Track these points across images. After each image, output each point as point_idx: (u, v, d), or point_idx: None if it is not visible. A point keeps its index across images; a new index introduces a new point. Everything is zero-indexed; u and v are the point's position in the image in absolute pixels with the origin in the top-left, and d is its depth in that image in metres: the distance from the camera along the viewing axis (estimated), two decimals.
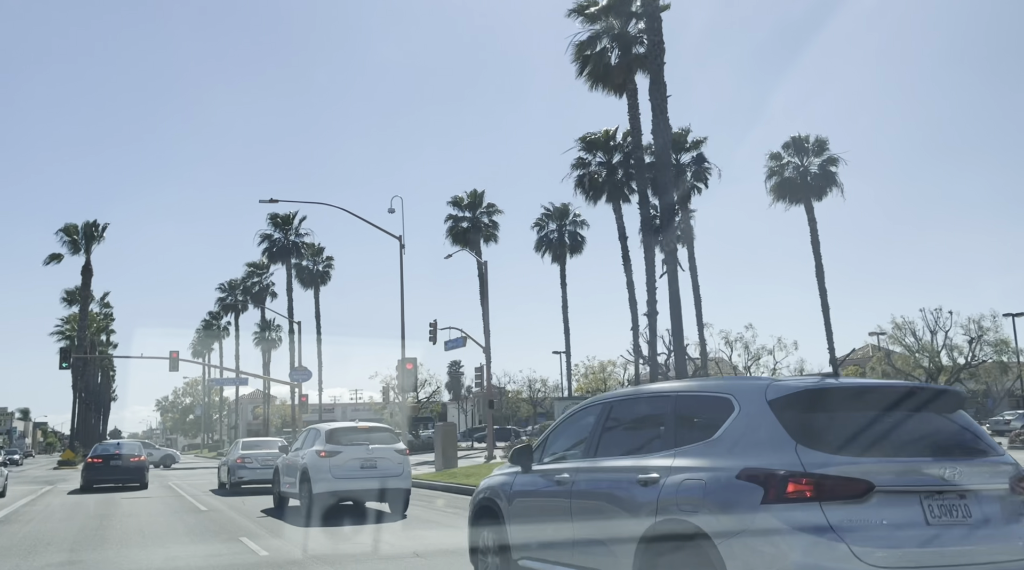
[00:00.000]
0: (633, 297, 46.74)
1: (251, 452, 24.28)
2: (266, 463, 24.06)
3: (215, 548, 12.32)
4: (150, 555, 11.81)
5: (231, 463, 24.26)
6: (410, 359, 35.00)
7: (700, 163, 48.56)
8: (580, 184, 47.38)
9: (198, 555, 11.73)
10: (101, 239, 60.86)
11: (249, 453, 24.21)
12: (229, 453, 25.96)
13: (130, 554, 11.92)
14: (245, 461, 23.91)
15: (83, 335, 61.15)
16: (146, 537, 13.91)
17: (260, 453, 24.30)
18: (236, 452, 24.59)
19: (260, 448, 24.90)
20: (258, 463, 23.90)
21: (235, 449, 25.18)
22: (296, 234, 70.12)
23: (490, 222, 62.00)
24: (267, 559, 10.96)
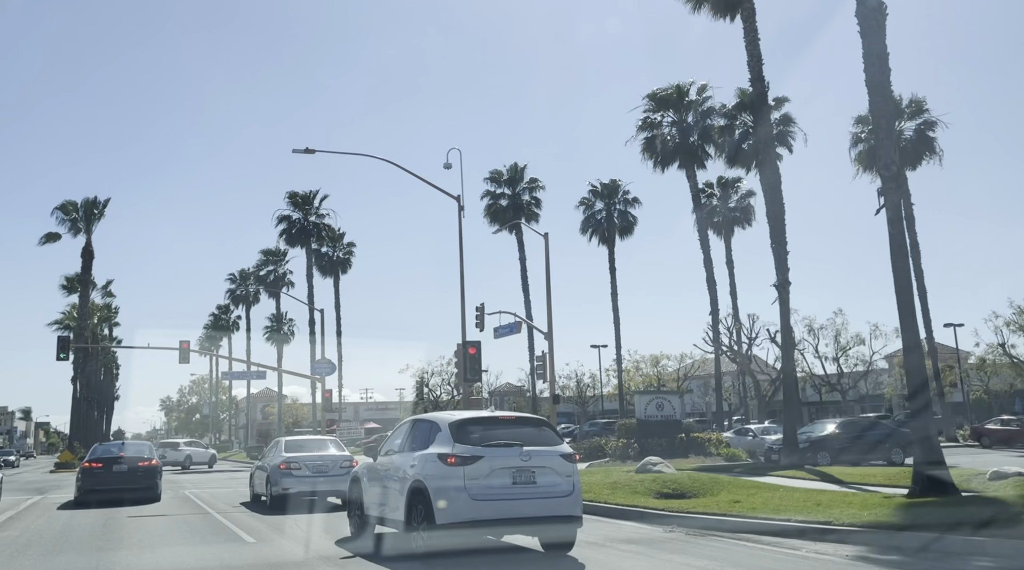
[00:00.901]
0: (712, 277, 40.91)
1: (298, 455, 18.50)
2: (319, 469, 18.31)
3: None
4: None
5: (271, 469, 18.46)
6: (473, 343, 29.23)
7: (784, 125, 42.69)
8: (649, 148, 41.56)
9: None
10: (102, 217, 55.18)
11: (296, 456, 18.42)
12: (266, 456, 20.15)
13: None
14: (291, 466, 18.13)
15: (83, 324, 55.36)
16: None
17: (310, 456, 18.53)
18: (277, 455, 18.78)
19: (309, 449, 19.11)
20: (308, 469, 18.16)
21: (275, 451, 19.35)
22: (316, 214, 64.37)
23: (531, 199, 56.29)
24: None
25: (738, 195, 55.71)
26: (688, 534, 12.64)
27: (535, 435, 10.80)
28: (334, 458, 18.61)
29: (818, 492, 16.36)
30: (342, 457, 18.75)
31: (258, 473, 20.23)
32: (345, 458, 18.73)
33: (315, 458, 18.44)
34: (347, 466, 18.52)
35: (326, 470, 18.31)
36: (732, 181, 55.90)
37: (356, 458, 19.19)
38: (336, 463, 18.49)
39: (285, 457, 18.40)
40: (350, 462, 18.65)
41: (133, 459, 21.55)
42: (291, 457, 18.35)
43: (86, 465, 21.24)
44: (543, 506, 10.16)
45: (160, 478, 21.96)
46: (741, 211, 55.47)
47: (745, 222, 55.66)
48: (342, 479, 18.12)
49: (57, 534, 14.80)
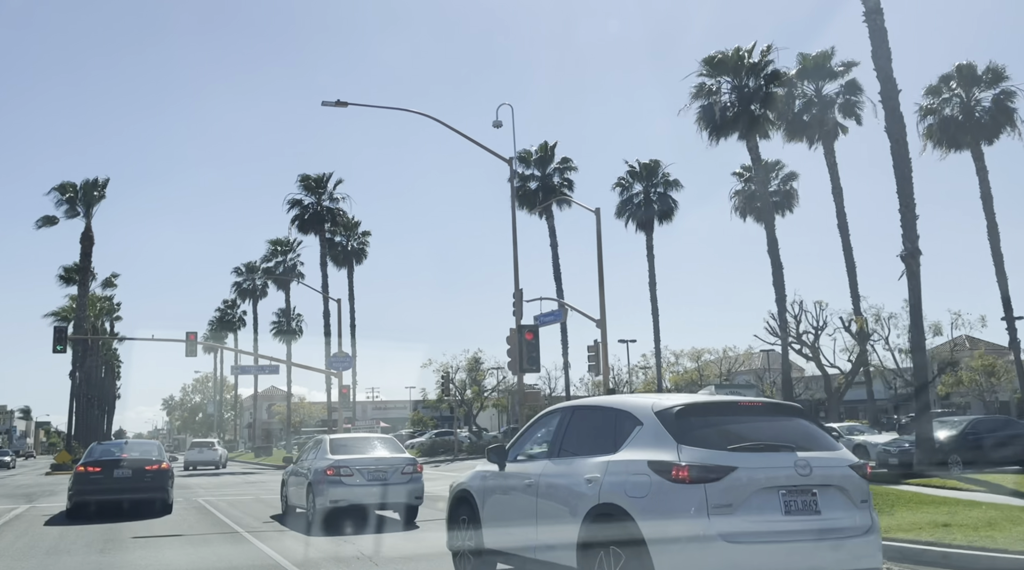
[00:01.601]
0: (778, 260, 36.98)
1: (349, 458, 14.63)
2: (376, 475, 14.47)
3: None
4: None
5: (315, 476, 14.56)
6: (529, 327, 25.39)
7: (851, 93, 38.79)
8: (705, 116, 37.59)
9: None
10: (103, 199, 51.12)
11: (346, 460, 14.55)
12: (304, 458, 16.25)
13: None
14: (340, 472, 14.26)
15: (83, 314, 51.42)
16: None
17: (364, 459, 14.68)
18: (322, 458, 14.88)
19: (360, 450, 15.25)
20: (363, 475, 14.32)
21: (317, 453, 15.42)
22: (331, 199, 60.44)
23: (563, 181, 52.44)
24: None
25: (779, 178, 52.06)
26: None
27: (802, 433, 6.67)
28: (394, 461, 14.77)
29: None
30: (403, 460, 14.91)
31: (293, 480, 16.36)
32: (407, 461, 14.90)
33: (370, 462, 14.58)
34: (410, 471, 14.69)
35: (384, 476, 14.47)
36: (772, 163, 52.20)
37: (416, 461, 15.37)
38: (396, 468, 14.65)
39: (332, 460, 14.53)
40: (414, 466, 14.82)
41: (138, 462, 17.70)
42: (340, 460, 14.49)
43: (81, 469, 17.36)
44: (838, 555, 6.11)
45: (172, 485, 18.11)
46: (782, 195, 51.74)
47: (786, 207, 51.94)
48: (403, 488, 14.31)
49: (37, 567, 10.96)
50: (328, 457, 14.79)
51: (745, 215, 52.41)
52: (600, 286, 33.00)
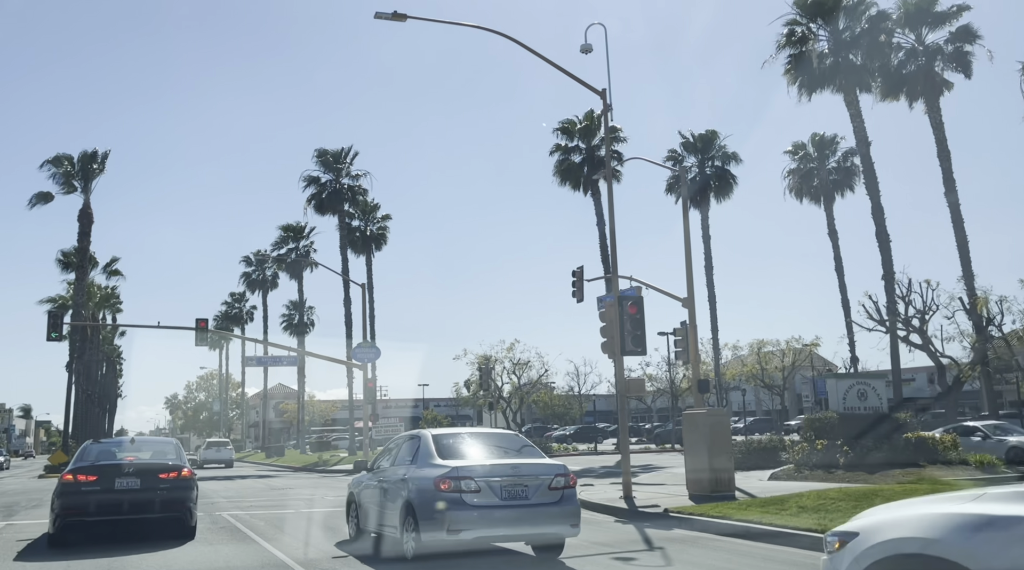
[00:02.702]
0: (884, 231, 32.00)
1: (471, 465, 9.65)
2: (515, 492, 9.55)
3: None
4: None
5: (419, 491, 9.60)
6: (632, 298, 20.43)
7: (962, 41, 33.79)
8: (795, 67, 32.66)
9: None
10: (101, 173, 46.05)
11: (467, 467, 9.57)
12: (386, 463, 11.31)
13: None
14: (462, 487, 9.29)
15: (81, 300, 46.41)
16: None
17: (495, 467, 9.68)
18: (426, 463, 9.90)
19: (483, 453, 10.29)
20: (496, 492, 9.35)
21: (416, 456, 10.36)
22: (349, 176, 55.49)
23: (611, 153, 47.17)
24: None
25: (837, 155, 47.40)
26: None
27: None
28: (536, 470, 9.78)
29: None
30: (549, 469, 9.91)
31: (372, 495, 11.42)
32: (555, 470, 9.90)
33: (504, 470, 9.59)
34: (562, 486, 9.75)
35: (525, 493, 9.51)
36: (829, 139, 47.57)
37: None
38: (542, 480, 9.67)
39: (448, 468, 9.53)
40: (566, 478, 9.86)
41: (150, 467, 12.78)
42: (460, 468, 9.48)
43: (68, 478, 12.39)
44: None
45: (196, 499, 13.17)
46: (841, 173, 47.06)
47: (847, 186, 47.28)
48: (554, 512, 9.42)
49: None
50: (437, 462, 9.83)
51: (801, 196, 47.88)
52: (687, 258, 28.10)
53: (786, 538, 11.77)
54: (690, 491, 18.53)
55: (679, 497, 18.27)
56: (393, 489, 10.52)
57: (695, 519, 14.63)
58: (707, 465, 18.11)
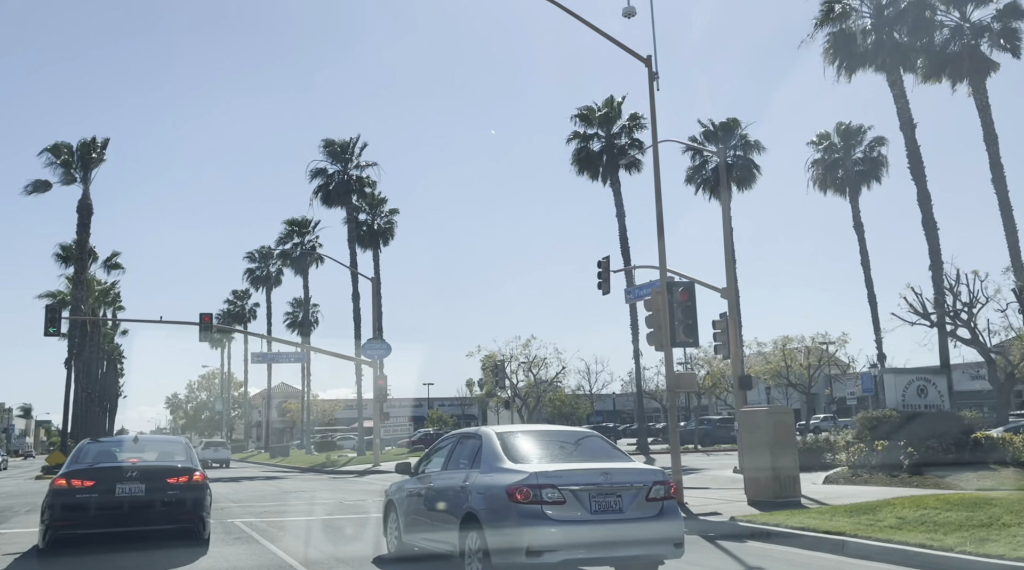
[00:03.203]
0: (931, 218, 30.23)
1: (553, 469, 7.81)
2: (607, 504, 7.73)
3: None
4: None
5: (487, 499, 7.79)
6: (683, 284, 18.66)
7: (1011, 18, 31.95)
8: (834, 45, 30.93)
9: None
10: (101, 162, 44.25)
11: (550, 471, 7.74)
12: (434, 467, 9.52)
13: None
14: (544, 497, 7.46)
15: (80, 294, 44.62)
16: None
17: (582, 472, 7.85)
18: (493, 467, 8.05)
19: (562, 454, 8.47)
20: (583, 503, 7.39)
21: (479, 458, 8.44)
22: (357, 167, 53.72)
23: (631, 141, 45.56)
24: None
25: (864, 144, 45.79)
26: None
27: None
28: (630, 475, 7.95)
29: None
30: (647, 474, 8.08)
31: (416, 504, 9.65)
32: (653, 475, 8.06)
33: (592, 476, 7.79)
34: (661, 495, 7.96)
35: (619, 506, 7.70)
36: (855, 128, 45.95)
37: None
38: (638, 489, 7.83)
39: (526, 474, 7.70)
40: (666, 485, 8.06)
41: (156, 471, 11.03)
42: (541, 474, 7.70)
43: (61, 483, 10.62)
44: None
45: (210, 507, 11.40)
46: (868, 164, 45.45)
47: (873, 178, 45.72)
48: (653, 529, 7.66)
49: None
50: (508, 466, 8.05)
51: (825, 187, 46.29)
52: (727, 245, 26.54)
53: (913, 558, 9.98)
54: (749, 496, 16.78)
55: (737, 502, 16.53)
56: (449, 498, 8.75)
57: (773, 530, 12.87)
58: (769, 467, 16.37)
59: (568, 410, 67.80)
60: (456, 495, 8.59)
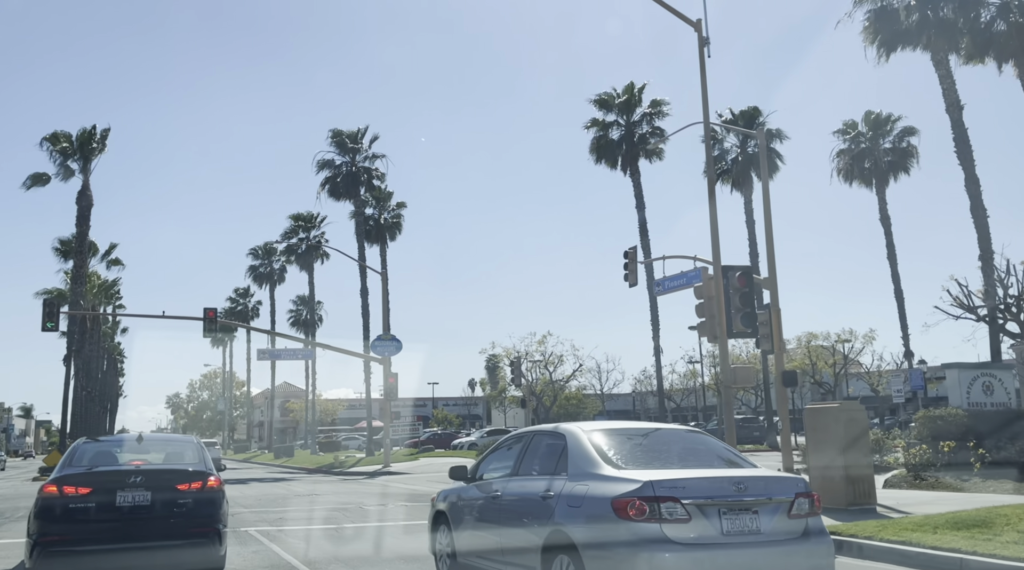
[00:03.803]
0: (980, 205, 28.60)
1: (675, 478, 6.13)
2: (743, 523, 6.00)
3: None
4: None
5: (583, 511, 6.14)
6: (741, 268, 17.07)
7: None
8: (874, 23, 29.28)
9: None
10: (102, 152, 42.59)
11: (669, 480, 6.05)
12: (499, 472, 7.84)
13: None
14: (661, 512, 5.77)
15: (79, 288, 42.99)
16: None
17: (708, 481, 6.18)
18: (589, 473, 6.36)
19: (673, 457, 6.84)
20: (711, 519, 5.69)
21: (565, 461, 6.84)
22: (366, 158, 52.04)
23: (651, 129, 43.90)
24: None
25: (893, 134, 44.27)
26: None
27: None
28: (767, 486, 6.25)
29: None
30: (786, 484, 6.36)
31: (476, 516, 8.01)
32: (794, 485, 6.36)
33: (720, 486, 6.10)
34: (805, 511, 6.29)
35: (755, 525, 5.98)
36: (885, 117, 44.43)
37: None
38: (777, 503, 6.13)
39: (638, 483, 5.99)
40: (810, 498, 6.37)
41: (163, 476, 9.37)
42: (658, 482, 6.02)
43: (52, 490, 8.95)
44: None
45: (227, 519, 9.73)
46: (897, 154, 43.87)
47: (902, 169, 44.15)
48: (800, 554, 5.96)
49: None
50: (607, 472, 6.38)
51: (851, 178, 44.78)
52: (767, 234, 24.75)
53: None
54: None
55: None
56: (525, 512, 7.10)
57: (865, 544, 11.23)
58: (842, 471, 14.72)
59: (574, 410, 66.22)
60: (536, 508, 6.94)
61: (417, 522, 14.73)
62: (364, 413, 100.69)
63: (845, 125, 44.49)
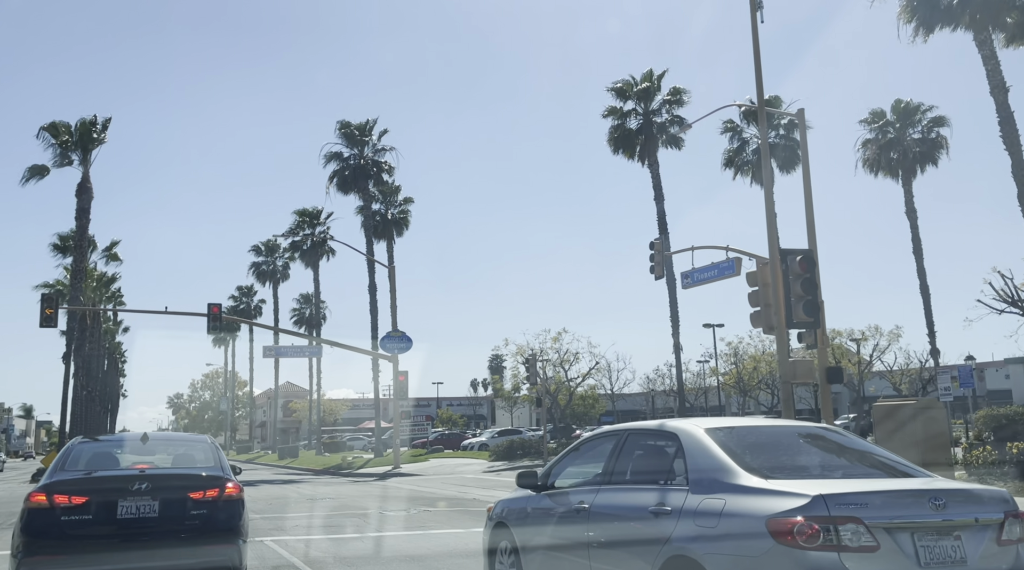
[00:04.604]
0: None
1: (849, 491, 4.67)
2: (944, 552, 4.52)
3: None
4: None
5: (726, 534, 4.74)
6: (802, 252, 15.65)
7: None
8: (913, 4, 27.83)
9: None
10: (102, 143, 41.11)
11: (843, 495, 4.60)
12: (591, 471, 6.41)
13: None
14: (838, 537, 4.34)
15: (79, 284, 41.52)
16: None
17: (894, 496, 4.75)
18: (724, 488, 4.98)
19: (837, 467, 5.37)
20: (910, 552, 4.39)
21: (694, 470, 5.39)
22: (375, 151, 50.57)
23: (671, 118, 42.44)
24: None
25: (922, 124, 42.86)
26: None
27: None
28: (968, 503, 4.81)
29: None
30: (990, 500, 4.92)
31: (549, 534, 6.54)
32: (998, 501, 4.92)
33: (911, 504, 4.70)
34: (1016, 536, 4.82)
35: (960, 554, 4.52)
36: (914, 106, 43.05)
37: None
38: (983, 525, 4.69)
39: (807, 498, 4.57)
40: (1020, 517, 4.96)
41: (173, 483, 7.93)
42: (831, 496, 4.58)
43: (41, 499, 7.53)
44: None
45: (247, 532, 8.30)
46: (926, 145, 42.43)
47: (930, 160, 42.74)
48: None
49: None
50: (751, 482, 4.93)
51: (877, 169, 43.40)
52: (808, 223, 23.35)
53: None
54: None
55: None
56: (631, 531, 5.63)
57: None
58: None
59: (580, 411, 64.73)
60: (645, 527, 5.47)
61: (458, 530, 13.31)
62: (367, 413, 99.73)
63: (872, 114, 43.13)
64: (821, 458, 5.54)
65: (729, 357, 58.05)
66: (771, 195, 15.67)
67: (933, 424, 13.70)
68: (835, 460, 5.53)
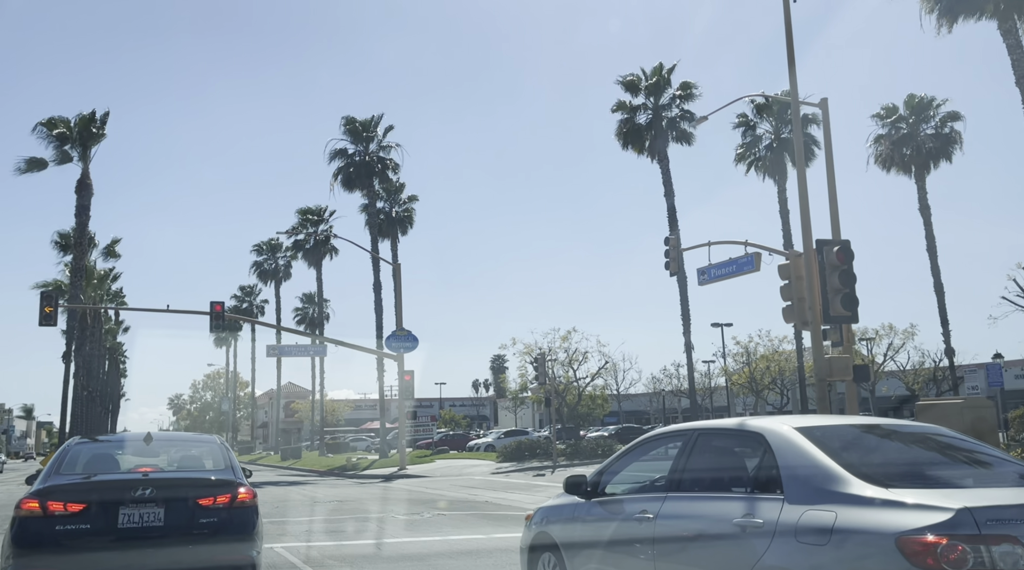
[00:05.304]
0: None
1: (993, 505, 3.96)
2: None
3: None
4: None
5: (842, 558, 3.96)
6: (839, 243, 14.89)
7: None
8: None
9: None
10: (102, 138, 40.36)
11: (987, 508, 3.90)
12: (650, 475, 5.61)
13: None
14: (978, 561, 3.66)
15: (78, 281, 40.78)
16: None
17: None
18: (831, 498, 4.28)
19: (950, 470, 4.65)
20: None
21: (790, 478, 4.72)
22: (380, 147, 49.82)
23: (681, 113, 41.73)
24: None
25: (937, 118, 42.20)
26: None
27: None
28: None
29: None
30: None
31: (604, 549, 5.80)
32: None
33: None
34: None
35: None
36: (928, 101, 42.41)
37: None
38: None
39: (952, 511, 3.79)
40: None
41: (180, 487, 7.18)
42: (984, 510, 3.82)
43: (33, 506, 6.80)
44: None
45: (261, 542, 7.54)
46: (940, 140, 41.77)
47: (943, 156, 42.09)
48: None
49: None
50: (864, 492, 4.16)
51: (889, 165, 42.75)
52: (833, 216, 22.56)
53: None
54: None
55: None
56: (710, 548, 4.87)
57: None
58: None
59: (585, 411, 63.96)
60: (729, 542, 4.71)
61: (478, 535, 12.56)
62: (369, 414, 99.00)
63: (884, 109, 42.45)
64: (942, 463, 4.78)
65: (740, 356, 57.32)
66: (804, 184, 14.93)
67: (981, 424, 12.93)
68: (959, 466, 4.76)
